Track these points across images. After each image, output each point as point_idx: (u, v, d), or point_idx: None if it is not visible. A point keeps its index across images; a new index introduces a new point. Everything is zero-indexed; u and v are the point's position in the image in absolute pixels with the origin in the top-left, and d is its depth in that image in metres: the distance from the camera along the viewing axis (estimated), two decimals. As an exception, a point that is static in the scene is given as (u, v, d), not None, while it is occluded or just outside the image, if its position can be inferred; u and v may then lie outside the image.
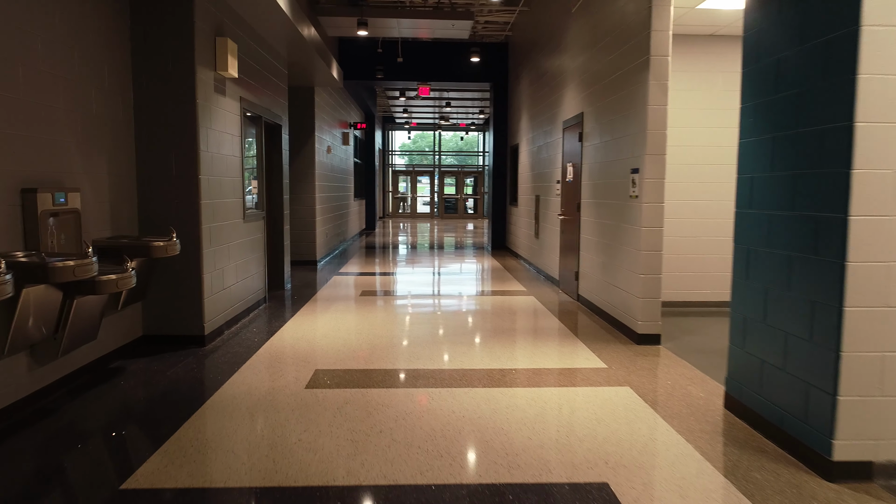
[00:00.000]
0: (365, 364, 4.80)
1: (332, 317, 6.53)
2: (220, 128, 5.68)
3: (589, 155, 7.08)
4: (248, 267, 6.59)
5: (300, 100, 10.56)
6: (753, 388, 3.58)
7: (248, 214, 6.54)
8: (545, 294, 8.09)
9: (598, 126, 6.74)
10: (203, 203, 5.24)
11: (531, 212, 10.71)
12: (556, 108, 8.80)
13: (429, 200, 29.25)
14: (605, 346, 5.42)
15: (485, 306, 7.22)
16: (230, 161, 5.95)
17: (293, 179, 10.59)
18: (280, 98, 8.06)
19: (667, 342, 5.54)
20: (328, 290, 8.32)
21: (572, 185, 7.82)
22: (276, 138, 8.09)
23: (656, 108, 5.30)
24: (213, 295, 5.51)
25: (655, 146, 5.33)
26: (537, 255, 10.13)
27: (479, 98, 20.33)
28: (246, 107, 6.46)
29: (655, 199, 5.37)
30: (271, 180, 8.12)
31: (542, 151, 9.85)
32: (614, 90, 6.15)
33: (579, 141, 7.48)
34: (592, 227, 6.90)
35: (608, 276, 6.31)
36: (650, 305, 5.44)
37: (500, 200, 13.84)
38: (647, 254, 5.41)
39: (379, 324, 6.21)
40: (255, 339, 5.56)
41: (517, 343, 5.49)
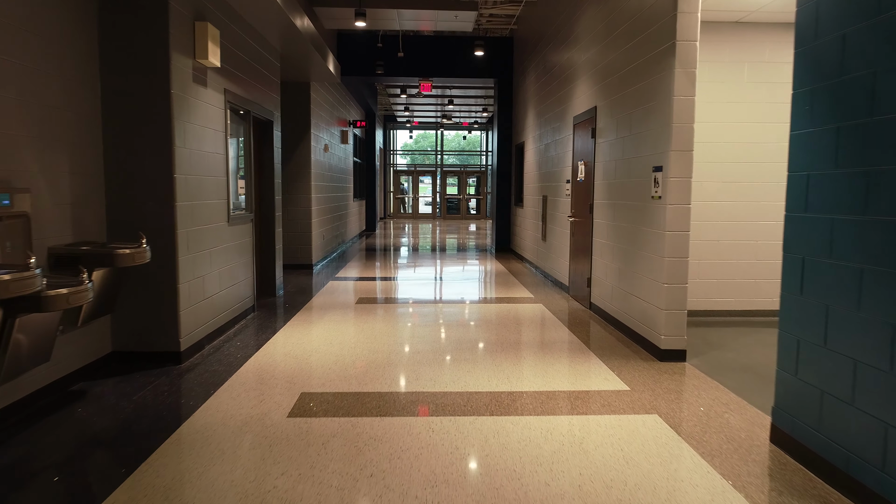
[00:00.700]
0: (358, 385, 4.28)
1: (325, 328, 6.02)
2: (201, 122, 5.17)
3: (603, 152, 6.55)
4: (234, 273, 6.07)
5: (295, 95, 10.04)
6: (810, 422, 3.05)
7: (233, 217, 6.02)
8: (554, 301, 7.57)
9: (613, 121, 6.22)
10: (179, 205, 4.72)
11: (538, 213, 10.18)
12: (566, 102, 8.27)
13: (431, 201, 28.72)
14: (623, 362, 4.89)
15: (490, 315, 6.70)
16: (213, 159, 5.43)
17: (287, 179, 10.08)
18: (272, 92, 7.55)
19: (692, 358, 5.01)
20: (323, 296, 7.80)
21: (584, 185, 7.29)
22: (267, 135, 7.58)
23: (683, 100, 4.77)
24: (192, 306, 4.99)
25: (681, 141, 4.80)
26: (544, 258, 9.60)
27: (482, 95, 19.81)
28: (232, 100, 5.94)
29: (681, 200, 4.84)
30: (262, 180, 7.61)
31: (550, 149, 9.32)
32: (633, 81, 5.62)
33: (592, 137, 6.95)
34: (607, 230, 6.37)
35: (625, 284, 5.79)
36: (674, 318, 4.91)
37: (505, 201, 13.32)
38: (671, 261, 4.88)
39: (375, 336, 5.69)
40: (238, 355, 5.05)
41: (526, 359, 4.97)
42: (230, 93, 5.88)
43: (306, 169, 10.14)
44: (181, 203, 4.76)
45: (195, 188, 5.03)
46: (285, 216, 10.11)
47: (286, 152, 10.02)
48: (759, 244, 6.53)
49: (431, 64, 12.88)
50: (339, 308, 7.04)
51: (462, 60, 12.84)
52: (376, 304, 7.30)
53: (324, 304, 7.26)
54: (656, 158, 5.06)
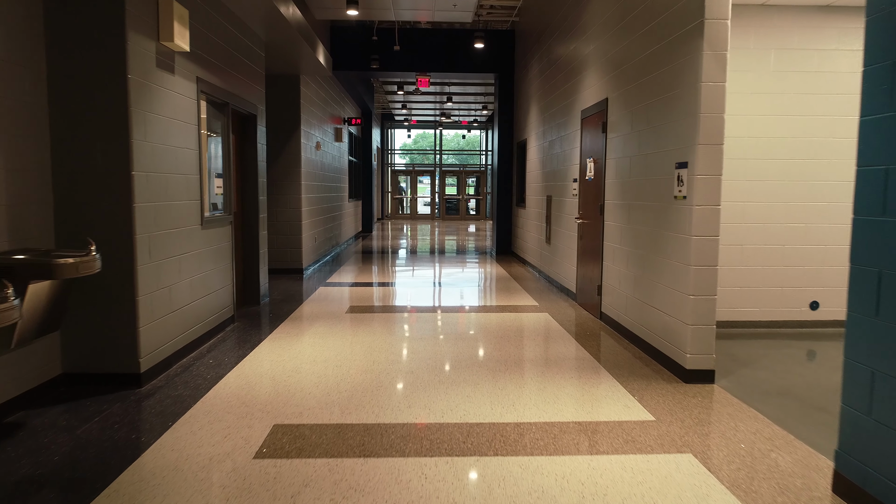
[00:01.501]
0: (340, 414, 3.71)
1: (310, 342, 5.44)
2: (168, 113, 4.60)
3: (615, 148, 5.98)
4: (209, 281, 5.50)
5: (284, 89, 9.47)
6: (888, 473, 2.48)
7: (208, 219, 5.45)
8: (560, 310, 6.99)
9: (627, 113, 5.65)
10: (139, 206, 4.15)
11: (541, 214, 9.61)
12: (573, 96, 7.70)
13: (429, 201, 28.15)
14: (644, 385, 4.32)
15: (492, 326, 6.12)
16: (182, 155, 4.86)
17: (275, 178, 9.50)
18: (255, 84, 6.97)
19: (721, 379, 4.44)
20: (311, 305, 7.22)
21: (593, 184, 6.72)
22: (249, 130, 7.00)
23: (712, 86, 4.20)
24: (156, 320, 4.41)
25: (710, 134, 4.22)
26: (549, 262, 9.03)
27: (482, 93, 19.25)
28: (206, 90, 5.37)
29: (709, 201, 4.27)
30: (244, 179, 7.03)
31: (554, 146, 8.75)
32: (651, 68, 5.05)
33: (602, 132, 6.37)
34: (620, 233, 5.80)
35: (643, 294, 5.21)
36: (702, 335, 4.34)
37: (506, 201, 12.75)
38: (698, 270, 4.30)
39: (365, 352, 5.11)
40: (208, 376, 4.47)
41: (534, 380, 4.39)
42: (204, 82, 5.31)
43: (296, 167, 9.56)
44: (141, 204, 4.18)
45: (160, 187, 4.45)
46: (273, 217, 9.53)
47: (274, 150, 9.45)
48: (787, 249, 5.96)
49: (429, 58, 12.31)
50: (327, 318, 6.46)
51: (461, 55, 12.27)
52: (368, 314, 6.72)
53: (311, 314, 6.68)
54: (680, 154, 4.49)
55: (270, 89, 9.42)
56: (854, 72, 5.81)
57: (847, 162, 5.89)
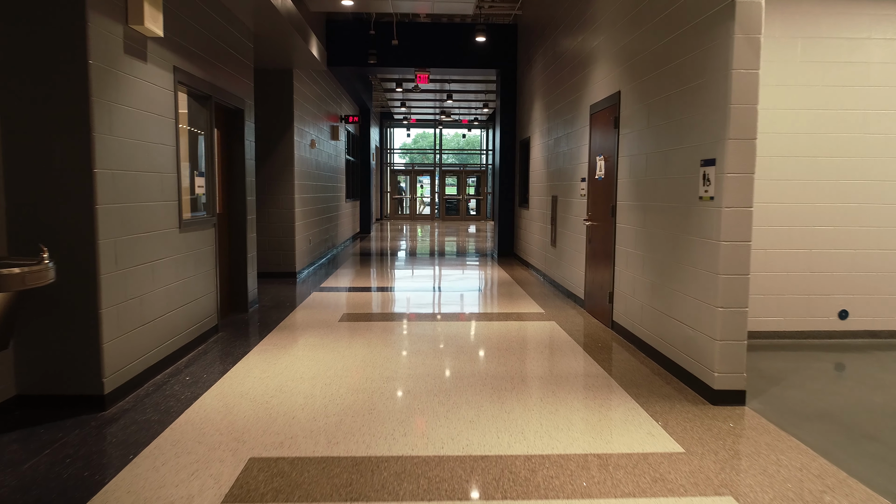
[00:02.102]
0: (326, 444, 3.27)
1: (298, 355, 5.00)
2: (139, 105, 4.16)
3: (629, 145, 5.54)
4: (189, 289, 5.06)
5: (276, 84, 9.03)
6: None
7: (188, 222, 5.01)
8: (568, 317, 6.55)
9: (642, 107, 5.21)
10: (102, 208, 3.70)
11: (546, 215, 9.17)
12: (581, 90, 7.26)
13: (429, 201, 27.70)
14: (667, 407, 3.88)
15: (496, 336, 5.68)
16: (157, 151, 4.42)
17: (267, 177, 9.06)
18: (242, 77, 6.53)
19: (752, 399, 4.00)
20: (303, 312, 6.78)
21: (604, 184, 6.28)
22: (236, 126, 6.56)
23: (744, 74, 3.76)
24: (124, 335, 3.97)
25: (742, 127, 3.78)
26: (554, 266, 8.59)
27: (482, 90, 18.81)
28: (185, 81, 4.93)
29: (740, 202, 3.83)
30: (231, 178, 6.59)
31: (560, 144, 8.31)
32: (671, 56, 4.61)
33: (614, 128, 5.94)
34: (635, 236, 5.36)
35: (661, 304, 4.77)
36: (732, 351, 3.90)
37: (508, 202, 12.30)
38: (728, 279, 3.86)
39: (358, 367, 4.67)
40: (182, 396, 4.03)
41: (544, 401, 3.95)
42: (182, 72, 4.87)
43: (289, 166, 9.12)
44: (106, 205, 3.74)
45: (128, 187, 4.01)
46: (265, 219, 9.09)
47: (266, 147, 9.01)
48: (814, 254, 5.52)
49: (429, 53, 11.87)
50: (319, 327, 6.01)
51: (462, 50, 11.83)
52: (363, 322, 6.28)
53: (302, 322, 6.24)
54: (706, 150, 4.05)
55: (261, 84, 8.98)
56: (888, 62, 5.37)
57: (880, 160, 5.45)
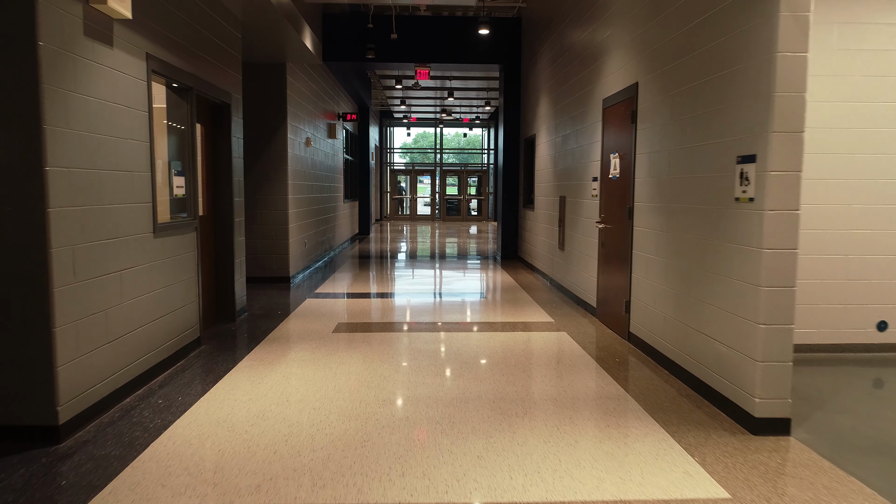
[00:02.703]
0: (311, 489, 2.80)
1: (285, 374, 4.53)
2: (104, 94, 3.69)
3: (648, 141, 5.07)
4: (166, 300, 4.59)
5: (268, 79, 8.56)
6: None
7: (164, 226, 4.54)
8: (580, 328, 6.08)
9: (664, 99, 4.74)
10: (55, 211, 3.24)
11: (553, 217, 8.70)
12: (592, 84, 6.79)
13: (430, 201, 27.23)
14: (702, 437, 3.41)
15: (503, 349, 5.21)
16: (126, 148, 3.95)
17: (259, 177, 8.59)
18: (229, 69, 6.07)
19: (797, 427, 3.53)
20: (295, 321, 6.31)
21: (619, 184, 5.81)
22: (222, 122, 6.09)
23: (791, 58, 3.28)
24: (84, 355, 3.51)
25: (788, 118, 3.31)
26: (562, 270, 8.12)
27: (484, 87, 18.34)
28: (161, 70, 4.46)
29: (786, 204, 3.36)
30: (216, 177, 6.12)
31: (569, 141, 7.84)
32: (699, 41, 4.14)
33: (631, 123, 5.46)
34: (655, 241, 4.89)
35: (688, 316, 4.30)
36: (776, 374, 3.42)
37: (512, 202, 11.83)
38: (771, 292, 3.39)
39: (351, 387, 4.21)
40: (151, 424, 3.56)
41: (560, 430, 3.48)
42: (158, 60, 4.40)
43: (282, 165, 8.65)
44: (61, 208, 3.27)
45: (90, 187, 3.54)
46: (257, 221, 8.62)
47: (258, 145, 8.54)
48: (851, 259, 5.05)
49: (429, 48, 11.40)
50: (310, 340, 5.54)
51: (463, 44, 11.36)
52: (359, 334, 5.81)
53: (292, 334, 5.77)
54: (744, 145, 3.57)
55: (252, 78, 8.51)
56: (933, 50, 4.90)
57: (924, 157, 4.98)
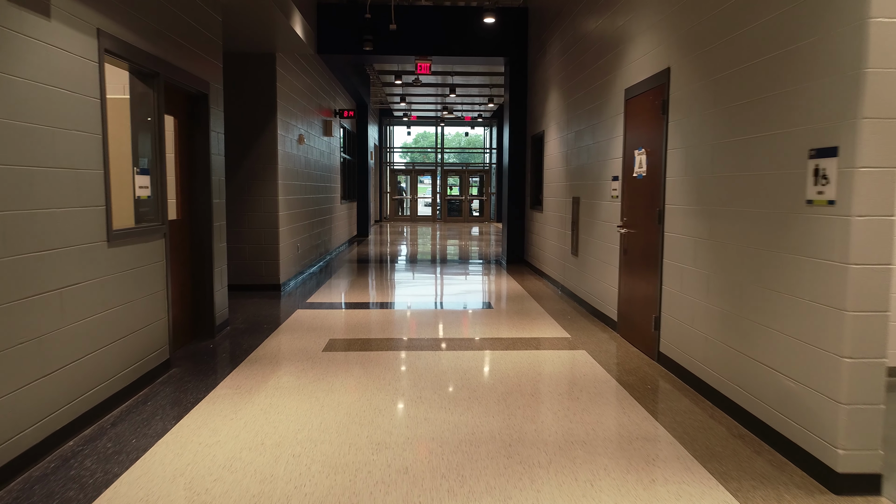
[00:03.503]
0: (280, 582, 2.14)
1: (264, 406, 3.87)
2: (36, 75, 3.03)
3: (684, 134, 4.41)
4: (124, 319, 3.93)
5: (256, 69, 7.90)
6: None
7: (121, 233, 3.88)
8: (600, 345, 5.42)
9: (705, 85, 4.07)
10: (-37, 219, 2.58)
11: (565, 219, 8.04)
12: (611, 73, 6.13)
13: (430, 202, 26.56)
14: (772, 498, 2.74)
15: (517, 373, 4.55)
16: (69, 140, 3.29)
17: (247, 176, 7.93)
18: (207, 56, 5.41)
19: (887, 483, 2.86)
20: (281, 337, 5.65)
21: (645, 184, 5.15)
22: (198, 114, 5.43)
23: (887, 25, 2.62)
24: (7, 396, 2.84)
25: (884, 101, 2.65)
26: (575, 278, 7.46)
27: (487, 84, 17.69)
28: (117, 50, 3.80)
29: (879, 208, 2.69)
30: (192, 176, 5.46)
31: (584, 138, 7.18)
32: (754, 13, 3.47)
33: (661, 114, 4.80)
34: (694, 249, 4.23)
35: (739, 341, 3.64)
36: (864, 419, 2.76)
37: (518, 203, 11.16)
38: (860, 318, 2.72)
39: (339, 426, 3.54)
40: (90, 480, 2.90)
41: (597, 486, 2.82)
42: (112, 38, 3.73)
43: (271, 164, 7.99)
44: (-29, 215, 2.61)
45: (14, 187, 2.88)
46: (245, 224, 7.97)
47: (244, 142, 7.88)
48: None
49: (430, 40, 10.74)
50: (297, 361, 4.88)
51: (466, 36, 10.70)
52: (351, 353, 5.15)
53: (277, 353, 5.11)
54: (819, 135, 2.91)
55: (238, 69, 7.85)
56: None
57: None
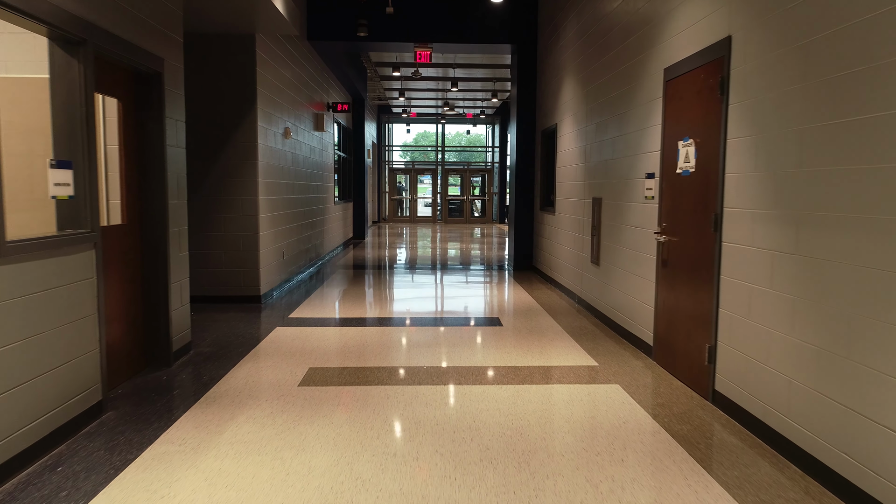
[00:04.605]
0: None
1: (206, 477, 2.92)
2: None
3: (752, 119, 3.46)
4: (27, 359, 2.98)
5: (232, 53, 6.95)
6: None
7: (19, 245, 2.93)
8: (635, 376, 4.48)
9: (786, 53, 3.13)
10: None
11: (582, 223, 7.10)
12: (645, 50, 5.18)
13: (430, 202, 25.61)
14: None
15: (540, 422, 3.60)
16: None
17: (220, 174, 7.00)
18: (162, 27, 4.46)
19: None
20: (250, 366, 4.71)
21: (694, 181, 4.20)
22: (150, 98, 4.48)
23: None
24: None
25: None
26: (596, 289, 6.51)
27: (490, 77, 16.75)
28: (13, 1, 2.86)
29: None
30: (143, 173, 4.51)
31: (607, 129, 6.23)
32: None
33: (720, 94, 3.86)
34: (772, 265, 3.28)
35: (846, 393, 2.69)
36: None
37: (526, 204, 10.22)
38: None
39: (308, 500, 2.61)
40: None
41: None
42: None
43: (250, 159, 7.05)
44: None
45: None
46: (219, 227, 7.03)
47: (218, 134, 6.94)
48: None
49: (430, 25, 9.80)
50: (263, 401, 3.94)
51: (470, 21, 9.76)
52: (333, 389, 4.20)
53: (242, 389, 4.17)
54: None
55: (213, 50, 6.91)
56: None
57: None
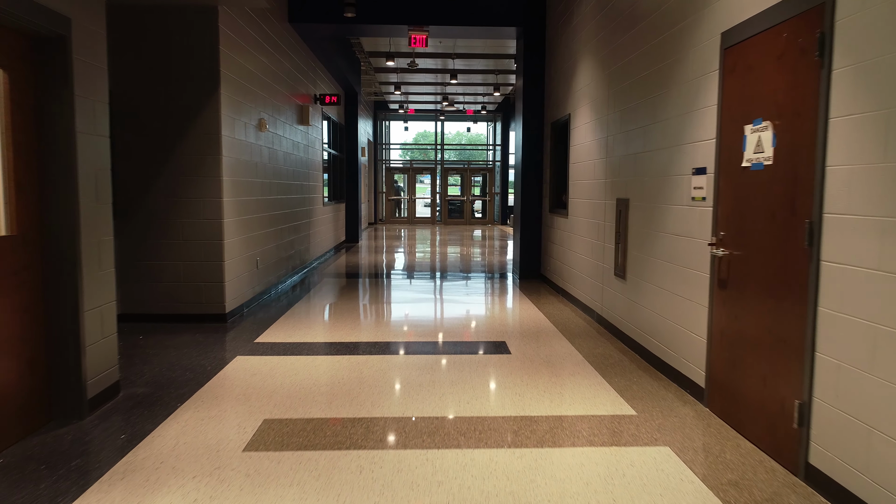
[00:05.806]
0: None
1: None
2: None
3: (872, 88, 2.40)
4: None
5: (189, 28, 5.89)
6: None
7: None
8: (686, 431, 3.42)
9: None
10: None
11: (602, 227, 6.04)
12: (693, 13, 4.11)
13: (430, 202, 24.55)
14: None
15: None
16: None
17: (174, 172, 5.94)
18: (67, -26, 3.40)
19: None
20: (186, 418, 3.65)
21: (773, 177, 3.14)
22: (52, 71, 3.42)
23: None
24: None
25: None
26: (621, 307, 5.45)
27: (493, 70, 15.69)
28: None
29: None
30: (45, 169, 3.45)
31: (636, 116, 5.17)
32: None
33: (818, 57, 2.80)
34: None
35: None
36: None
37: (534, 205, 9.15)
38: None
39: None
40: None
41: None
42: None
43: (213, 154, 5.99)
44: None
45: None
46: (177, 234, 5.98)
47: (172, 125, 5.88)
48: None
49: (425, 5, 8.75)
50: (190, 478, 2.87)
51: (469, 1, 8.71)
52: (289, 454, 3.14)
53: (167, 456, 3.10)
54: None
55: (165, 26, 5.85)
56: None
57: None
